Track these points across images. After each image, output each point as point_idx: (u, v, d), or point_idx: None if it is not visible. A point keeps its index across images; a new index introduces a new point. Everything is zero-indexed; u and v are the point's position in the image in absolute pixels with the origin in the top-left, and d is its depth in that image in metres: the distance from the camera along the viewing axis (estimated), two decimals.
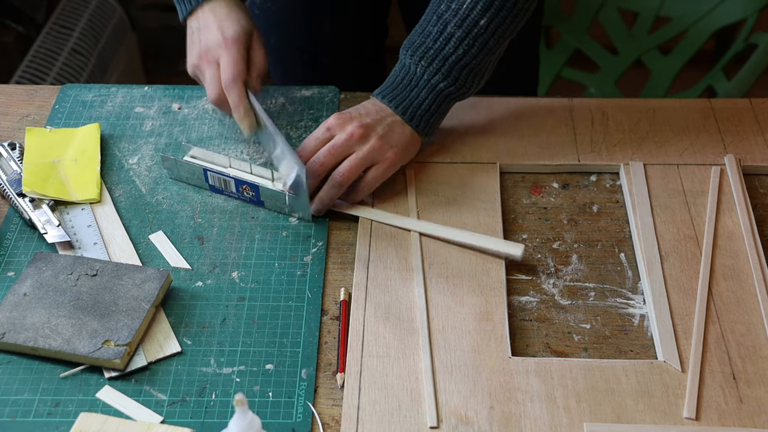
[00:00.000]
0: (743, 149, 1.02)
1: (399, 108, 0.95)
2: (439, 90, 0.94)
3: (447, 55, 0.93)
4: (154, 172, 1.02)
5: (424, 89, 0.94)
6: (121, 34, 2.33)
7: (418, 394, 0.78)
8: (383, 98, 0.96)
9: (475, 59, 0.93)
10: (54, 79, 2.02)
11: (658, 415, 0.77)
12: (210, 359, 0.82)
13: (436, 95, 0.95)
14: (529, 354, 0.83)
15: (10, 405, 0.78)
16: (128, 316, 0.83)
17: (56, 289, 0.85)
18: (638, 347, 0.83)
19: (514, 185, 1.00)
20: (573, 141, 1.04)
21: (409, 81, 0.95)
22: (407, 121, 0.95)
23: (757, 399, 0.78)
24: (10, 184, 0.97)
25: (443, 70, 0.93)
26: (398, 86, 0.96)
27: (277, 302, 0.87)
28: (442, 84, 0.94)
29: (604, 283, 0.89)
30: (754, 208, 0.96)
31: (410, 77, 0.95)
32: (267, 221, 0.96)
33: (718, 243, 0.91)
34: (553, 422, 0.76)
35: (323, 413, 0.78)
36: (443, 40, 0.93)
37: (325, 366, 0.82)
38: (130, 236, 0.94)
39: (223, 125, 1.08)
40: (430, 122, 0.96)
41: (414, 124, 0.95)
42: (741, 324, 0.84)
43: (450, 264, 0.90)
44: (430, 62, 0.93)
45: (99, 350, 0.80)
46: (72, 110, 1.10)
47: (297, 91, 1.13)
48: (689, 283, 0.87)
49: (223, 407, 0.78)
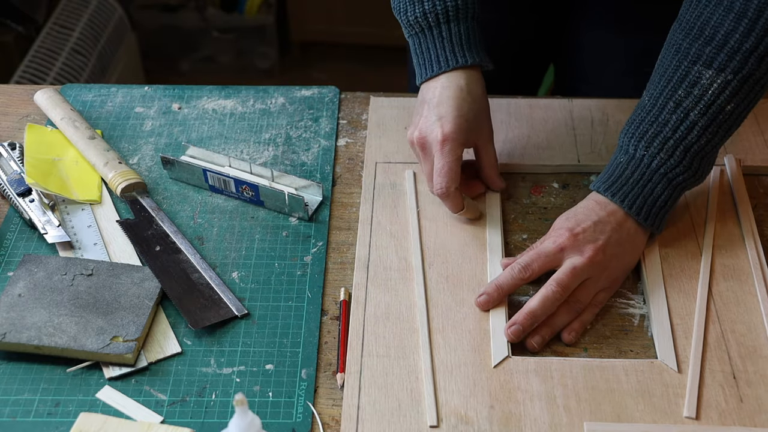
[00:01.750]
0: (743, 149, 1.02)
1: (633, 207, 0.86)
2: (677, 183, 0.86)
3: (689, 145, 0.84)
4: (154, 172, 1.02)
5: (660, 183, 0.86)
6: (121, 34, 2.34)
7: (418, 394, 0.78)
8: (613, 196, 0.86)
9: (717, 146, 0.86)
10: (54, 79, 2.03)
11: (658, 415, 0.77)
12: (210, 359, 0.82)
13: (673, 189, 0.86)
14: (529, 354, 0.83)
15: (10, 405, 0.78)
16: (133, 313, 0.83)
17: (52, 290, 0.85)
18: (638, 347, 0.83)
19: (514, 185, 1.00)
20: (573, 141, 1.04)
21: (642, 174, 0.86)
22: (642, 221, 0.86)
23: (757, 398, 0.78)
24: (10, 184, 0.97)
25: (685, 162, 0.84)
26: (629, 181, 0.86)
27: (277, 302, 0.87)
28: (681, 177, 0.85)
29: None
30: (754, 208, 0.96)
31: (642, 170, 0.86)
32: (267, 221, 0.96)
33: (718, 243, 0.91)
34: (553, 422, 0.76)
35: (323, 413, 0.78)
36: (684, 129, 0.83)
37: (325, 366, 0.82)
38: None
39: (223, 125, 1.08)
40: (663, 218, 0.88)
41: (648, 223, 0.87)
42: (741, 324, 0.84)
43: (450, 264, 0.90)
44: (670, 154, 0.84)
45: (108, 346, 0.80)
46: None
47: (297, 91, 1.13)
48: (689, 283, 0.87)
49: (223, 407, 0.78)
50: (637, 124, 0.86)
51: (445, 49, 0.92)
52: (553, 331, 0.84)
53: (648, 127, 0.85)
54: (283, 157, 1.04)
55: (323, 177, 1.01)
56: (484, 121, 0.93)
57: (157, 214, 0.95)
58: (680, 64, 0.83)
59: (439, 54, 0.92)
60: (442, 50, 0.92)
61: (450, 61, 0.92)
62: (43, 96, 1.08)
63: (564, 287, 0.83)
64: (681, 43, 0.83)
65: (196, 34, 2.63)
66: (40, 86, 1.13)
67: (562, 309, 0.84)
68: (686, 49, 0.83)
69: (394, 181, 0.99)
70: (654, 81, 0.87)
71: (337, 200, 0.99)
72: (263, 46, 2.66)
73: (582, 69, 1.23)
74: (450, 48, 0.92)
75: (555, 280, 0.83)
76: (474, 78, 0.93)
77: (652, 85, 0.87)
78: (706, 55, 0.81)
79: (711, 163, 0.87)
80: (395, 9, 0.95)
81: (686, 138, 0.84)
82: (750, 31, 0.79)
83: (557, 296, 0.83)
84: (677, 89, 0.83)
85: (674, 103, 0.84)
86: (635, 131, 0.86)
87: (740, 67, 0.80)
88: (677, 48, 0.84)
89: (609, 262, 0.85)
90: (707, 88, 0.82)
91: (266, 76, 2.69)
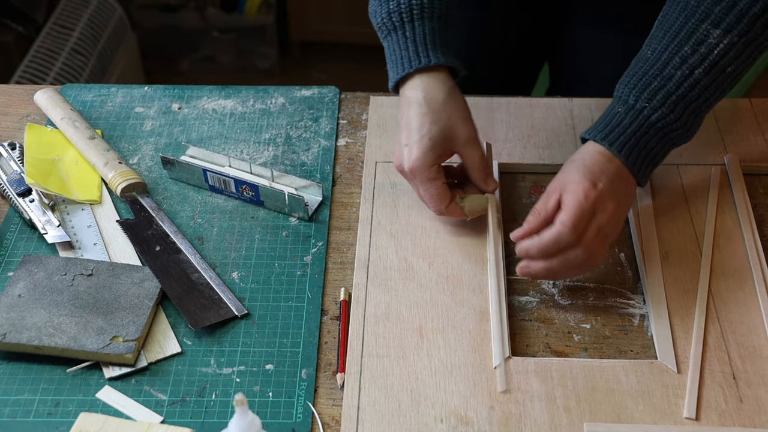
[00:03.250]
0: (743, 149, 1.02)
1: (630, 158, 0.85)
2: (670, 138, 0.86)
3: (689, 102, 0.84)
4: (154, 172, 1.02)
5: (655, 136, 0.85)
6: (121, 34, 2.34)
7: (418, 393, 0.78)
8: (611, 145, 0.85)
9: (711, 106, 0.86)
10: (54, 79, 2.03)
11: (658, 415, 0.77)
12: (210, 359, 0.82)
13: (665, 143, 0.86)
14: (529, 354, 0.83)
15: (10, 405, 0.78)
16: (132, 313, 0.83)
17: (52, 290, 0.85)
18: (638, 347, 0.83)
19: (514, 185, 1.00)
20: (573, 141, 1.04)
21: (640, 126, 0.85)
22: (634, 173, 0.86)
23: (757, 399, 0.78)
24: (10, 184, 0.97)
25: (683, 118, 0.84)
26: (626, 131, 0.85)
27: (277, 302, 0.87)
28: (676, 132, 0.85)
29: (604, 282, 0.89)
30: (754, 208, 0.96)
31: (641, 122, 0.85)
32: (267, 221, 0.96)
33: (718, 243, 0.91)
34: (553, 422, 0.76)
35: (323, 413, 0.78)
36: (688, 86, 0.83)
37: (325, 366, 0.82)
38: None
39: (223, 125, 1.08)
40: (650, 172, 0.88)
41: (637, 173, 0.86)
42: (741, 324, 0.84)
43: (450, 264, 0.90)
44: (672, 109, 0.84)
45: (108, 346, 0.80)
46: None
47: (297, 91, 1.13)
48: (689, 283, 0.87)
49: (223, 407, 0.78)
50: (640, 76, 0.86)
51: (408, 50, 0.89)
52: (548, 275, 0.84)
53: (651, 80, 0.85)
54: (283, 157, 1.04)
55: (323, 177, 1.01)
56: (456, 127, 0.88)
57: (157, 214, 0.95)
58: (687, 21, 0.83)
59: (403, 55, 0.90)
60: (405, 51, 0.89)
61: (413, 62, 0.89)
62: (43, 96, 1.08)
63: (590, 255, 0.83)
64: (688, 1, 0.84)
65: (196, 34, 2.63)
66: (40, 86, 1.13)
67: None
68: (694, 6, 0.83)
69: (394, 181, 0.99)
70: (657, 36, 0.86)
71: (337, 200, 0.99)
72: (263, 46, 2.66)
73: (577, 68, 1.23)
74: (413, 48, 0.89)
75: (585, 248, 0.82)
76: (437, 82, 0.88)
77: (654, 40, 0.86)
78: (715, 14, 0.82)
79: (700, 122, 0.87)
80: (370, 14, 0.94)
81: (688, 95, 0.84)
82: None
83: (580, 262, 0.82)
84: (683, 45, 0.83)
85: (680, 58, 0.84)
86: (637, 83, 0.85)
87: (747, 30, 0.81)
88: (684, 5, 0.84)
89: (622, 214, 0.85)
90: (714, 47, 0.82)
91: (266, 76, 2.69)
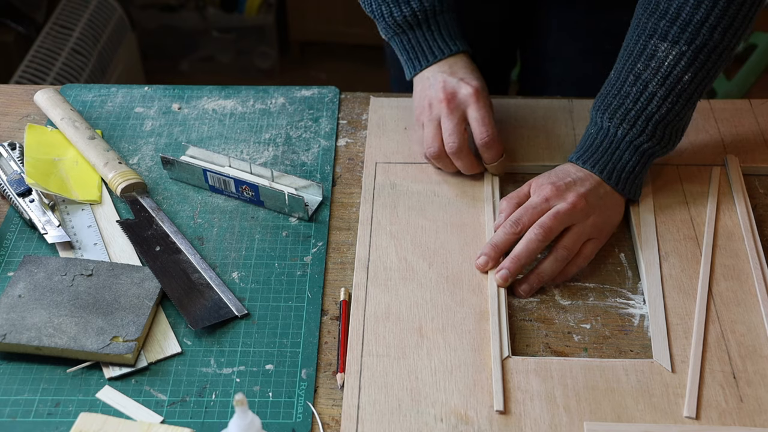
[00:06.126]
0: (743, 149, 1.02)
1: (604, 173, 0.91)
2: (643, 150, 0.91)
3: (650, 115, 0.89)
4: (154, 172, 1.02)
5: (627, 151, 0.91)
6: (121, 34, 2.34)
7: (418, 393, 0.78)
8: (584, 164, 0.92)
9: (679, 115, 0.90)
10: (54, 79, 2.03)
11: (658, 414, 0.77)
12: (210, 359, 0.82)
13: (640, 156, 0.91)
14: (529, 354, 0.83)
15: (10, 405, 0.78)
16: (133, 313, 0.83)
17: (52, 290, 0.85)
18: (638, 347, 0.83)
19: (514, 185, 1.00)
20: (573, 141, 1.04)
21: (610, 144, 0.91)
22: (613, 185, 0.92)
23: (758, 398, 0.78)
24: (10, 184, 0.97)
25: (648, 131, 0.89)
26: (598, 149, 0.92)
27: (277, 302, 0.87)
28: (646, 144, 0.90)
29: (604, 283, 0.89)
30: (754, 208, 0.96)
31: (610, 140, 0.91)
32: (267, 221, 0.96)
33: (718, 243, 0.91)
34: (553, 422, 0.76)
35: (323, 413, 0.78)
36: (645, 100, 0.89)
37: (325, 366, 0.82)
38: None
39: (223, 125, 1.09)
40: (635, 183, 0.93)
41: (620, 188, 0.92)
42: (741, 324, 0.84)
43: (450, 264, 0.90)
44: (632, 124, 0.90)
45: (108, 346, 0.80)
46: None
47: (297, 91, 1.13)
48: (689, 283, 0.87)
49: (223, 407, 0.78)
50: (603, 97, 0.92)
51: (436, 41, 1.00)
52: (541, 280, 0.88)
53: (612, 100, 0.91)
54: (283, 157, 1.04)
55: (323, 177, 1.01)
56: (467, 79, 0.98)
57: (157, 214, 0.95)
58: (638, 39, 0.89)
59: (432, 46, 1.00)
60: (433, 41, 1.00)
61: (444, 50, 0.99)
62: (43, 96, 1.08)
63: (546, 229, 0.87)
64: (640, 19, 0.89)
65: (196, 34, 2.63)
66: (40, 86, 1.13)
67: (549, 257, 0.88)
68: (644, 24, 0.88)
69: (394, 181, 0.99)
70: (619, 56, 0.92)
71: (337, 200, 0.99)
72: (263, 46, 2.66)
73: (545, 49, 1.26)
74: (441, 39, 1.00)
75: (538, 224, 0.88)
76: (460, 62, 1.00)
77: (618, 61, 0.92)
78: (661, 28, 0.86)
79: (679, 130, 0.92)
80: (374, 12, 1.01)
81: (647, 108, 0.89)
82: (699, 3, 0.83)
83: (539, 237, 0.87)
84: (636, 63, 0.89)
85: (634, 76, 0.89)
86: (601, 104, 0.92)
87: (693, 38, 0.85)
88: (637, 23, 0.89)
89: (592, 210, 0.90)
90: (663, 60, 0.87)
91: (266, 76, 2.69)
